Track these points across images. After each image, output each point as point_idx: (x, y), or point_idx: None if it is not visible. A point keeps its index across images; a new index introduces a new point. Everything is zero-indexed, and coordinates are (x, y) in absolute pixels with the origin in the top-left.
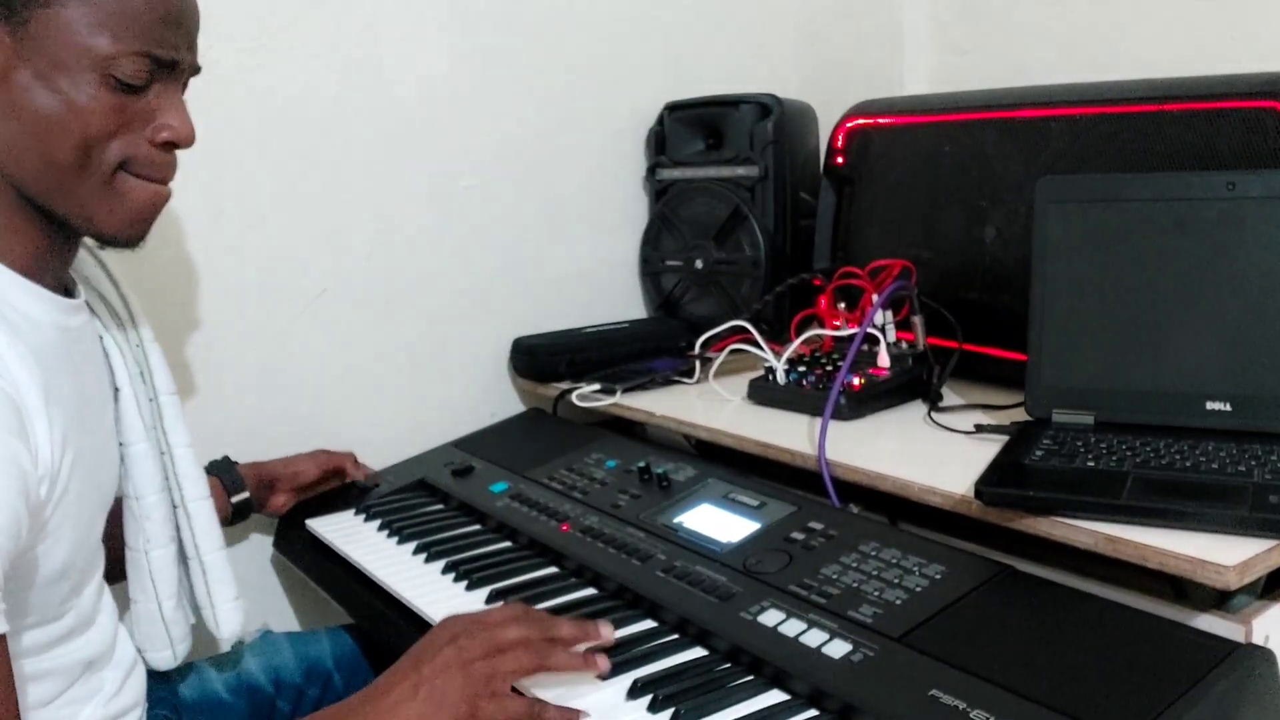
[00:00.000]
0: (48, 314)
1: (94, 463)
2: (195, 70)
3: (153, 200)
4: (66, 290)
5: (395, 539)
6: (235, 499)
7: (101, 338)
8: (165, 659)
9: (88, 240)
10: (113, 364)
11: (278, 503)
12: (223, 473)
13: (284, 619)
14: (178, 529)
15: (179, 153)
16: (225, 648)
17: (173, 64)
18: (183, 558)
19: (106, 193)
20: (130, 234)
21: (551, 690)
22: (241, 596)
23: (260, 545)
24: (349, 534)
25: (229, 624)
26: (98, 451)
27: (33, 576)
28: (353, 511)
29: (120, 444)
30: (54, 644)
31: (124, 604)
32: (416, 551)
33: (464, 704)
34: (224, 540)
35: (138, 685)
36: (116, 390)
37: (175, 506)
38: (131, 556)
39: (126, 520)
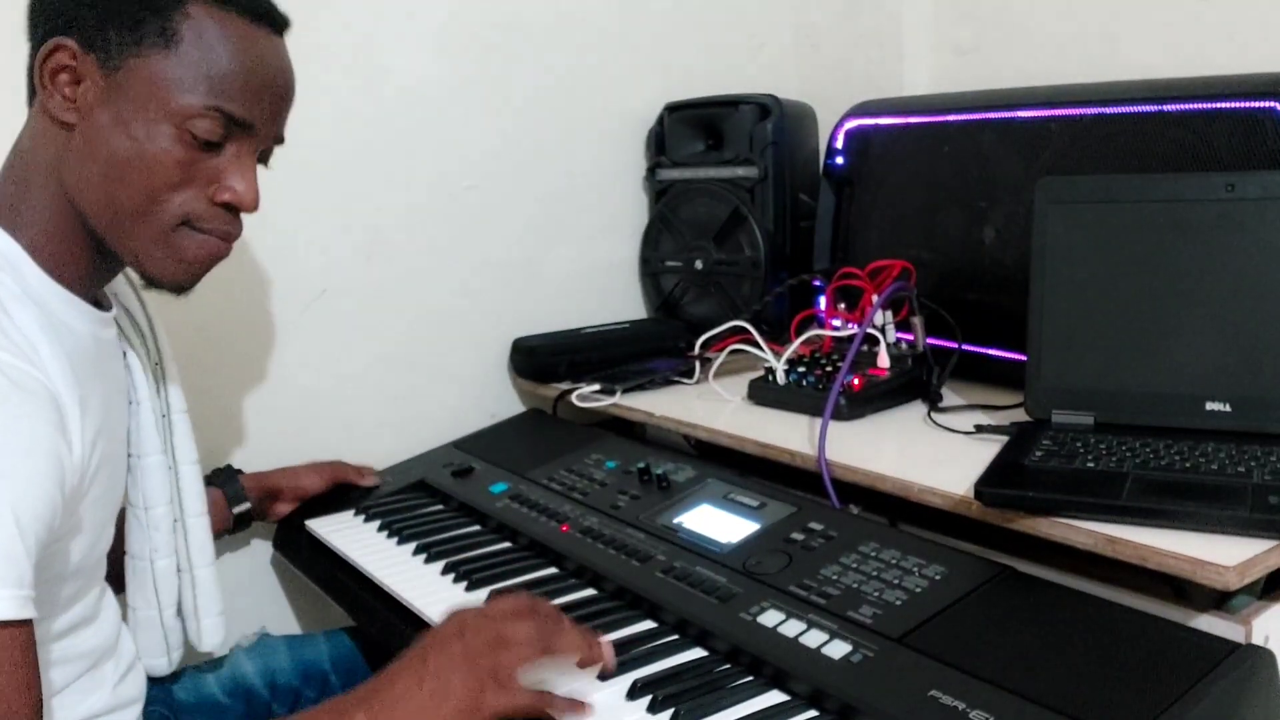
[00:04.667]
0: (86, 325)
1: (114, 467)
2: (277, 140)
3: (208, 254)
4: (99, 304)
5: (395, 539)
6: (236, 510)
7: (125, 353)
8: (161, 665)
9: None
10: (134, 378)
11: (280, 511)
12: (225, 483)
13: (283, 620)
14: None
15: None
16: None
17: (247, 125)
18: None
19: (163, 242)
20: (177, 280)
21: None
22: (225, 613)
23: (260, 546)
24: (349, 535)
25: (211, 637)
26: (117, 458)
27: (54, 569)
28: (352, 512)
29: (133, 455)
30: (61, 636)
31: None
32: (416, 552)
33: (469, 696)
34: (214, 556)
35: (138, 681)
36: (130, 403)
37: (175, 520)
38: (135, 565)
39: (133, 529)
